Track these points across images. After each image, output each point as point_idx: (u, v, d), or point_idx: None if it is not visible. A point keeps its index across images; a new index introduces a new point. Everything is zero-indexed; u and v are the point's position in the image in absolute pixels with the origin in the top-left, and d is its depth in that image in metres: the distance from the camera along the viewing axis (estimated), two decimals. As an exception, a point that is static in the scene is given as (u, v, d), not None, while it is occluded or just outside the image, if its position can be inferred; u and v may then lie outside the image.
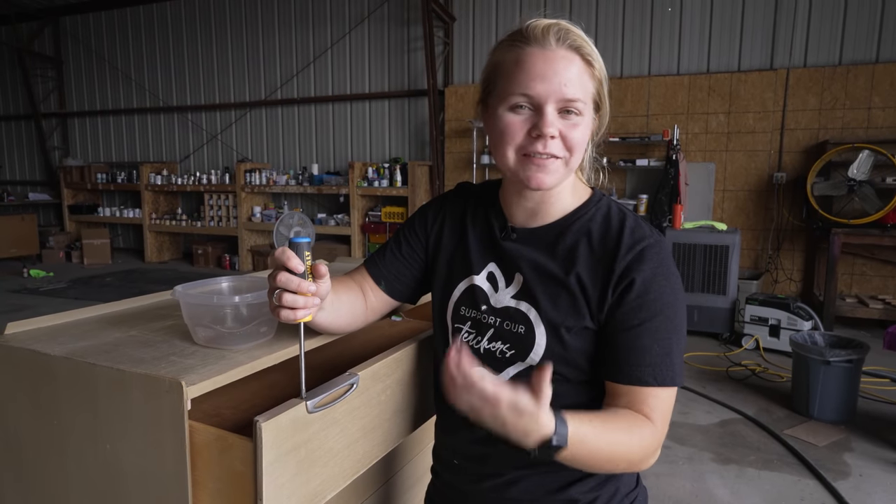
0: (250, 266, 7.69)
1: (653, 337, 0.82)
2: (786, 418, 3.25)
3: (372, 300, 1.02)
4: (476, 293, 0.92)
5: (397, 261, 1.02)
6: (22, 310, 5.63)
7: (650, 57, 6.12)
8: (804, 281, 5.69)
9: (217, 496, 0.78)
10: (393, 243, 1.03)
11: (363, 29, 7.38)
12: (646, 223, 0.88)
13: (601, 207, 0.90)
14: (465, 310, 0.94)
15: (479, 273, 0.93)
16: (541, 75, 0.79)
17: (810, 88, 5.49)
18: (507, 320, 0.89)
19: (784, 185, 5.59)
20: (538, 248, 0.89)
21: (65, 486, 0.89)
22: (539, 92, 0.80)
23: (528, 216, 0.91)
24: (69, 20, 9.16)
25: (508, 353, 0.89)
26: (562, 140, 0.82)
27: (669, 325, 0.83)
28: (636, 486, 0.95)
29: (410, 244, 1.02)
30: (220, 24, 8.20)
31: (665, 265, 0.84)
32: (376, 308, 1.03)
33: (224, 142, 8.43)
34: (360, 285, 1.01)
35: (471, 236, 0.96)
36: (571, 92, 0.79)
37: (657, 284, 0.83)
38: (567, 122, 0.81)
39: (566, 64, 0.80)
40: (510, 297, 0.89)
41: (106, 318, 1.09)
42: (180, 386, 0.75)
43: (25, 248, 8.27)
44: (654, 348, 0.82)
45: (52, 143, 9.63)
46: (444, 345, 0.98)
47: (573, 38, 0.80)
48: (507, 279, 0.90)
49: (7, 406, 0.93)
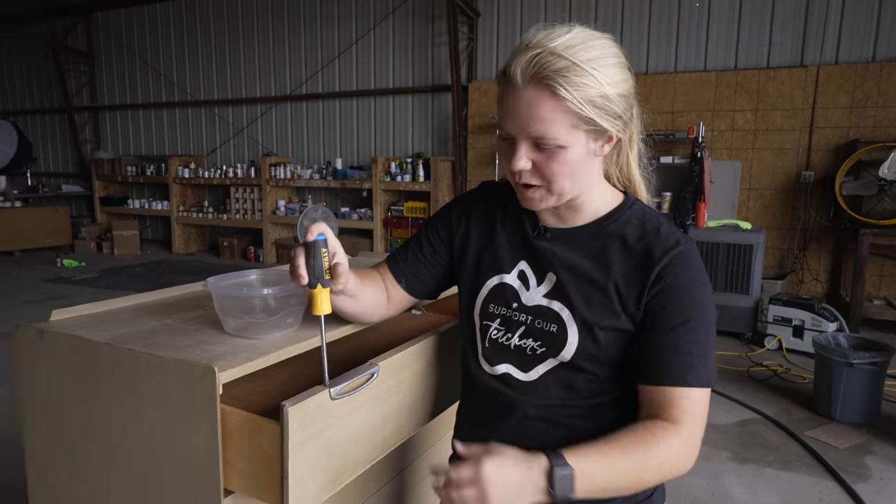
0: (274, 258, 7.82)
1: (691, 339, 0.85)
2: (807, 420, 3.22)
3: (393, 295, 1.06)
4: (506, 291, 0.95)
5: (418, 261, 1.05)
6: (57, 298, 5.82)
7: (676, 53, 6.05)
8: (830, 282, 5.59)
9: (246, 475, 0.83)
10: (415, 243, 1.07)
11: (388, 24, 7.43)
12: (677, 228, 0.90)
13: (635, 211, 0.92)
14: (495, 307, 0.96)
15: (510, 271, 0.95)
16: (510, 114, 0.82)
17: (841, 86, 5.38)
18: (538, 318, 0.91)
19: (812, 184, 5.49)
20: (572, 248, 0.91)
21: (106, 463, 0.96)
22: (510, 130, 0.83)
23: (558, 218, 0.93)
24: (101, 16, 9.38)
25: (539, 350, 0.91)
26: (538, 171, 0.84)
27: (706, 327, 0.87)
28: (654, 487, 0.97)
29: (432, 244, 1.05)
30: (247, 20, 8.32)
31: (699, 270, 0.88)
32: (397, 303, 1.07)
33: (250, 136, 8.57)
34: (383, 279, 1.06)
35: (501, 235, 0.98)
36: (537, 130, 0.80)
37: (694, 288, 0.86)
38: (543, 155, 0.83)
39: (531, 102, 0.79)
40: (542, 295, 0.92)
41: (142, 308, 1.15)
42: (213, 372, 0.81)
43: (59, 238, 8.53)
44: (692, 350, 0.85)
45: (84, 137, 9.89)
46: (470, 341, 1.01)
47: (546, 72, 0.78)
48: (539, 278, 0.93)
49: (54, 388, 1.00)
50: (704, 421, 0.86)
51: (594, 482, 0.77)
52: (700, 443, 0.86)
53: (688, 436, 0.83)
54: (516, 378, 0.93)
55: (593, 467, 0.78)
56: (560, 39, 0.79)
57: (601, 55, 0.80)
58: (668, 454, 0.82)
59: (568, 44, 0.79)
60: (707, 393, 0.86)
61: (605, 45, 0.82)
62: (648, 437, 0.82)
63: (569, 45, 0.78)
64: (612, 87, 0.80)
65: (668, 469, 0.82)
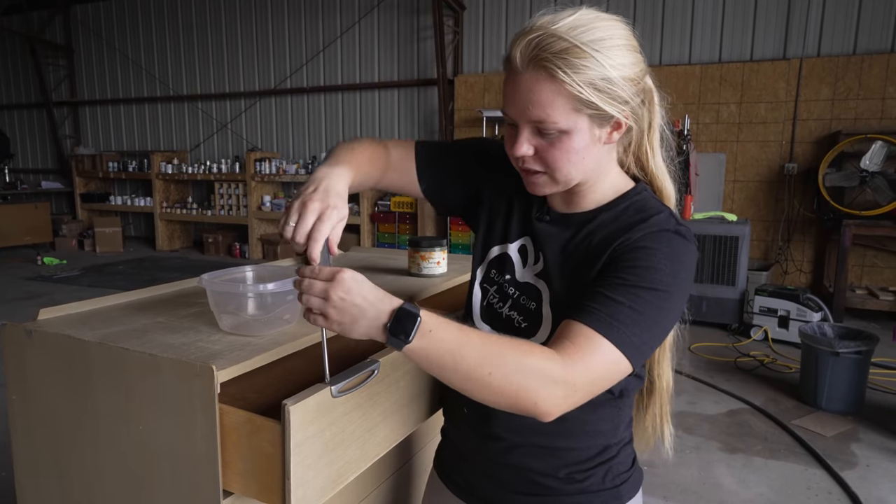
0: (260, 255, 7.75)
1: (629, 299, 0.76)
2: (794, 409, 3.26)
3: (394, 178, 1.01)
4: (506, 261, 0.96)
5: (445, 176, 1.03)
6: (38, 297, 5.72)
7: (661, 46, 6.08)
8: (814, 272, 5.67)
9: (246, 476, 0.82)
10: (451, 160, 1.03)
11: (373, 18, 7.37)
12: (680, 224, 0.84)
13: (636, 201, 0.88)
14: (495, 273, 0.97)
15: (514, 243, 0.96)
16: (510, 98, 0.80)
17: (823, 78, 5.44)
18: (524, 295, 0.92)
19: (795, 175, 5.56)
20: (567, 233, 0.90)
21: (99, 466, 0.93)
22: (511, 114, 0.81)
23: (563, 203, 0.93)
24: (80, 9, 9.19)
25: (523, 324, 0.92)
26: (540, 157, 0.82)
27: (657, 301, 0.77)
28: (631, 466, 0.97)
29: (465, 171, 1.02)
30: (229, 13, 8.20)
31: (678, 253, 0.80)
32: (394, 182, 1.02)
33: (234, 131, 8.47)
34: (389, 164, 0.99)
35: (515, 207, 0.97)
36: (536, 114, 0.78)
37: (658, 257, 0.79)
38: (544, 141, 0.81)
39: (530, 86, 0.77)
40: (534, 274, 0.92)
41: (133, 305, 1.12)
42: (211, 370, 0.79)
43: (39, 236, 8.37)
44: (623, 309, 0.76)
45: (63, 132, 9.71)
46: (471, 296, 1.00)
47: (545, 55, 0.75)
48: (535, 257, 0.93)
49: (43, 389, 0.97)
50: (596, 380, 0.75)
51: (437, 343, 0.71)
52: (579, 396, 0.74)
53: (566, 371, 0.72)
54: None
55: (445, 330, 0.72)
56: (564, 21, 0.76)
57: (606, 37, 0.77)
58: (532, 366, 0.71)
59: (572, 25, 0.76)
60: (617, 357, 0.75)
61: (612, 27, 0.78)
62: (521, 344, 0.74)
63: (573, 26, 0.76)
64: (617, 70, 0.77)
65: (523, 381, 0.71)
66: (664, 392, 1.01)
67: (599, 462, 0.92)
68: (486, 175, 1.01)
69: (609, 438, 0.93)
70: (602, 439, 0.92)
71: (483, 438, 0.96)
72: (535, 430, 0.90)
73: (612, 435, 0.93)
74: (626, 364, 0.76)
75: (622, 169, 0.93)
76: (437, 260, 1.44)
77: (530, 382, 0.71)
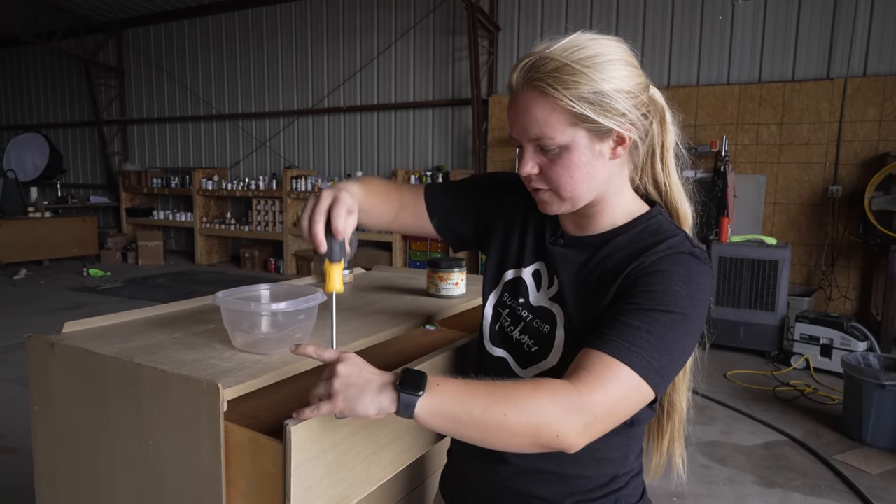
0: (294, 270, 7.87)
1: (646, 324, 0.76)
2: (836, 443, 3.11)
3: (408, 219, 1.03)
4: (520, 285, 0.96)
5: (455, 209, 1.04)
6: (82, 307, 5.93)
7: (699, 66, 5.99)
8: (860, 300, 5.43)
9: (249, 495, 0.82)
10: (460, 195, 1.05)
11: (409, 39, 7.49)
12: (696, 246, 0.84)
13: (651, 224, 0.87)
14: (508, 297, 0.97)
15: (527, 267, 0.96)
16: (512, 120, 0.84)
17: (870, 98, 5.26)
18: (537, 318, 0.92)
19: (840, 198, 5.36)
20: (581, 256, 0.90)
21: (112, 478, 0.95)
22: (514, 135, 0.84)
23: (575, 226, 0.92)
24: (131, 32, 9.64)
25: (533, 348, 0.91)
26: (544, 175, 0.84)
27: (674, 325, 0.76)
28: (640, 498, 0.94)
29: (476, 203, 1.03)
30: (271, 36, 8.46)
31: (693, 275, 0.79)
32: (407, 222, 1.04)
33: (272, 149, 8.68)
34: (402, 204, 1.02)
35: (529, 232, 0.98)
36: (534, 132, 0.80)
37: (673, 279, 0.78)
38: (547, 159, 0.83)
39: (527, 105, 0.80)
40: (548, 298, 0.91)
41: (153, 320, 1.15)
42: (217, 388, 0.79)
43: (86, 248, 8.71)
44: (640, 334, 0.75)
45: (112, 149, 10.13)
46: (484, 319, 1.00)
47: (538, 75, 0.78)
48: (549, 281, 0.93)
49: (64, 400, 0.99)
50: (616, 408, 0.74)
51: (447, 394, 0.71)
52: (601, 425, 0.73)
53: (583, 400, 0.71)
54: (512, 369, 0.94)
55: (452, 382, 0.73)
56: (559, 44, 0.79)
57: (597, 53, 0.78)
58: (546, 399, 0.70)
59: (565, 47, 0.79)
60: (637, 383, 0.73)
61: (605, 45, 0.80)
62: (529, 382, 0.74)
63: (566, 48, 0.79)
64: (609, 83, 0.78)
65: (539, 415, 0.70)
66: (682, 417, 1.00)
67: (607, 492, 0.90)
68: (498, 207, 1.02)
69: (619, 468, 0.90)
70: (611, 468, 0.90)
71: (488, 462, 0.94)
72: (542, 456, 0.87)
73: (621, 464, 0.90)
74: (647, 389, 0.75)
75: (637, 192, 0.93)
76: (456, 281, 1.43)
77: (547, 416, 0.71)
